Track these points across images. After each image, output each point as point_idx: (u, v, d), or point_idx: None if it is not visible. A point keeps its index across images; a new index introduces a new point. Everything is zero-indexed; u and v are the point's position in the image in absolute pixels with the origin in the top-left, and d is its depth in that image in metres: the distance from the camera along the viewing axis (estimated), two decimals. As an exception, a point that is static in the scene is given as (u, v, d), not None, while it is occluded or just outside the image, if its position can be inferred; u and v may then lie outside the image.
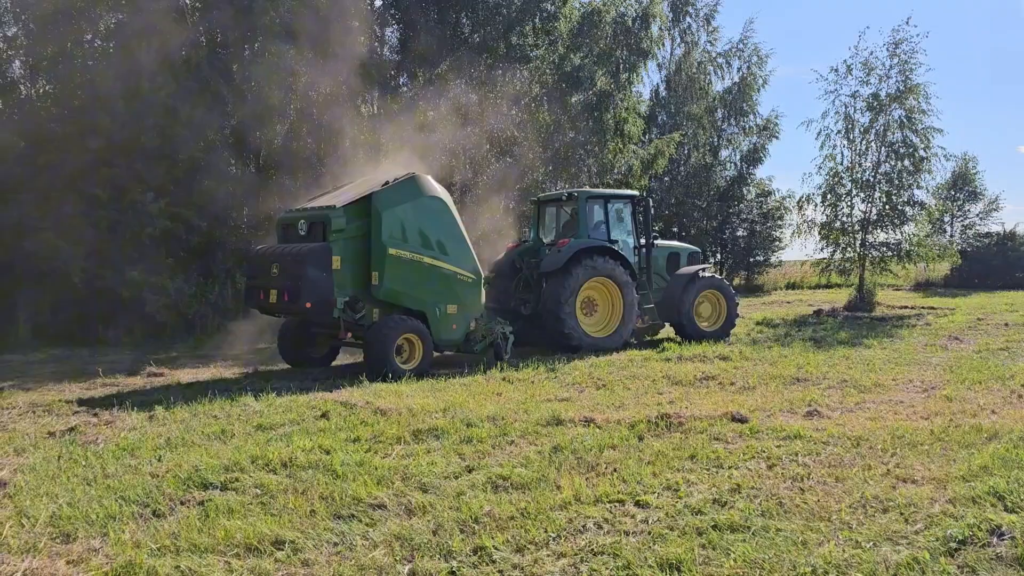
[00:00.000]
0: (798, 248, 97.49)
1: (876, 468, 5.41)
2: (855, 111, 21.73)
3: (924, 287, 33.37)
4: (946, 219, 35.25)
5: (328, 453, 6.18)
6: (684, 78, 34.74)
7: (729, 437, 6.49)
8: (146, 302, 15.75)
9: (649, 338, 15.19)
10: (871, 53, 21.63)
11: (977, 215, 35.84)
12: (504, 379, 10.31)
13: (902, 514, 4.45)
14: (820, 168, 22.40)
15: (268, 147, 21.03)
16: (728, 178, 36.05)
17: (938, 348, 13.10)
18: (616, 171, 25.32)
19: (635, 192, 15.27)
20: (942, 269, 33.72)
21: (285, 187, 20.52)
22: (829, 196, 22.47)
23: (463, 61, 21.87)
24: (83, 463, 6.05)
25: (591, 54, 25.08)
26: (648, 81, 32.92)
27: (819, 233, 22.92)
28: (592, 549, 4.09)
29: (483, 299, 12.10)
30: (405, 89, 22.50)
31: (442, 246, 11.34)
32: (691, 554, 3.91)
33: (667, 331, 15.34)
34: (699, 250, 16.41)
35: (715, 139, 35.75)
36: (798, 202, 23.76)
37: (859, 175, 22.17)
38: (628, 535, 4.28)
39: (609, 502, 4.86)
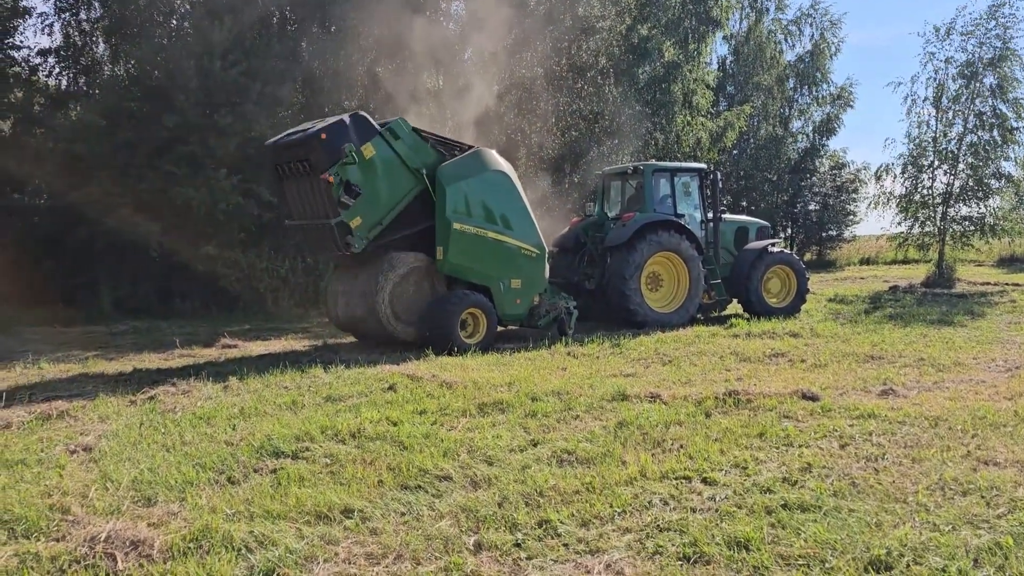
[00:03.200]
0: (873, 222, 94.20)
1: (955, 449, 5.21)
2: (948, 77, 20.80)
3: (1008, 263, 31.94)
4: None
5: (395, 425, 6.27)
6: (753, 47, 33.72)
7: (799, 415, 6.34)
8: (220, 276, 16.22)
9: (716, 314, 14.94)
10: (973, 16, 20.65)
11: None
12: (569, 354, 10.29)
13: (983, 497, 4.28)
14: (907, 135, 21.58)
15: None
16: (800, 150, 35.04)
17: (1023, 327, 12.53)
18: (684, 144, 24.86)
19: (702, 165, 14.94)
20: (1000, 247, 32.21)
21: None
22: (910, 167, 21.63)
23: (529, 33, 21.67)
24: (162, 430, 6.28)
25: (659, 24, 24.57)
26: (715, 52, 31.86)
27: (897, 205, 22.10)
28: (658, 525, 4.05)
29: (547, 274, 12.05)
30: (469, 63, 22.46)
31: (506, 220, 11.31)
32: (760, 533, 3.84)
33: (734, 307, 15.06)
34: (768, 224, 16.05)
35: (786, 110, 34.74)
36: (876, 172, 22.96)
37: (943, 146, 21.26)
38: (695, 512, 4.23)
39: (675, 478, 4.81)
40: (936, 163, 21.64)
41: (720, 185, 14.85)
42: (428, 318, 10.86)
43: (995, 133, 20.95)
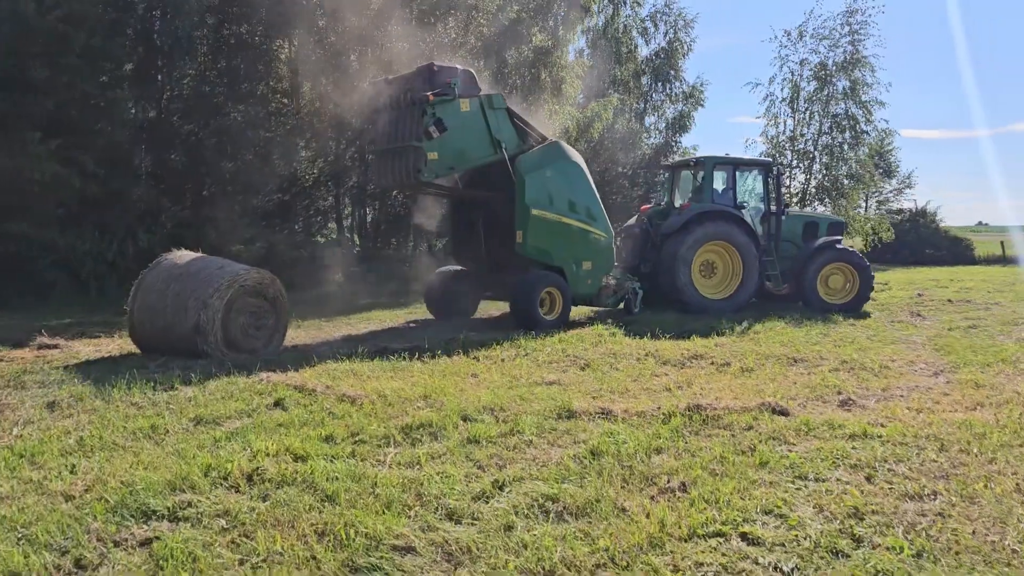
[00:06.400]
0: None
1: (998, 481, 4.47)
2: (802, 79, 21.29)
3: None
4: (861, 194, 35.85)
5: (303, 460, 4.79)
6: (610, 40, 33.67)
7: (789, 436, 5.45)
8: (34, 259, 13.60)
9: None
10: (825, 20, 21.20)
11: (891, 192, 36.57)
12: (472, 358, 9.05)
13: (1100, 554, 3.49)
14: (763, 135, 21.98)
15: (173, 90, 18.83)
16: (654, 146, 35.42)
17: (906, 325, 12.60)
18: (550, 134, 24.08)
19: (768, 160, 15.33)
20: (855, 244, 34.25)
21: (184, 134, 18.45)
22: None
23: (395, 3, 20.07)
24: (-36, 477, 4.46)
25: (528, 8, 23.68)
26: (574, 43, 31.47)
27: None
28: (743, 623, 2.92)
29: (614, 257, 12.91)
30: (333, 38, 20.53)
31: (578, 207, 12.10)
32: (895, 634, 2.80)
33: None
34: (842, 220, 16.28)
35: (641, 105, 35.02)
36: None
37: (800, 146, 21.82)
38: (774, 595, 3.14)
39: (707, 536, 3.70)
40: (794, 162, 22.21)
41: (783, 179, 14.92)
42: (511, 297, 11.92)
43: (847, 135, 21.74)
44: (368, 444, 5.22)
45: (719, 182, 14.56)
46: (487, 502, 4.15)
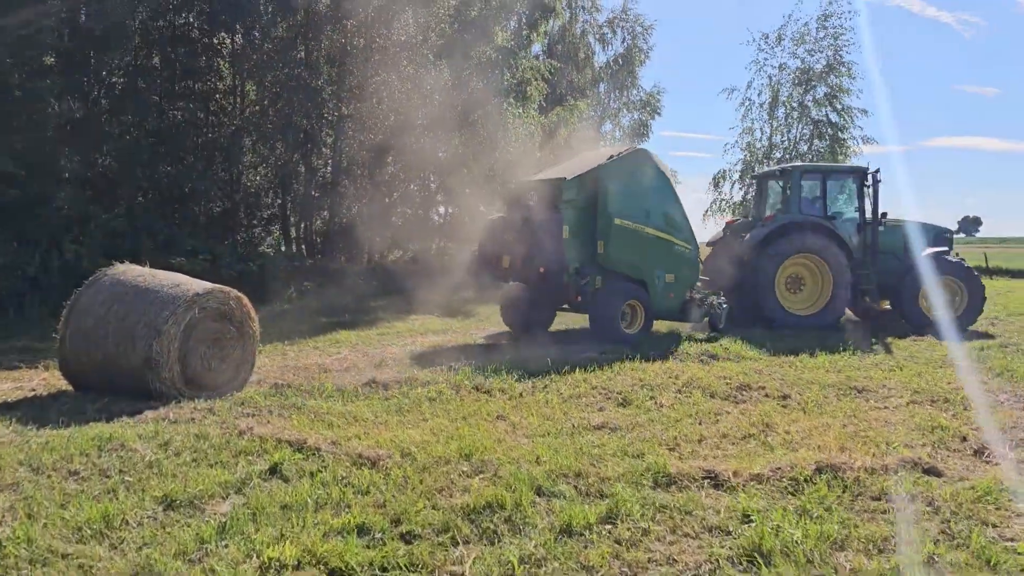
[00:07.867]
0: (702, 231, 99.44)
1: None
2: (781, 84, 20.47)
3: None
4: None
5: (343, 577, 3.25)
6: (568, 46, 32.61)
7: (979, 512, 4.14)
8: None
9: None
10: (805, 24, 20.43)
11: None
12: (484, 392, 7.54)
13: None
14: (738, 142, 21.10)
15: (103, 85, 16.82)
16: (610, 154, 34.40)
17: (931, 343, 11.60)
18: (515, 136, 22.71)
19: (862, 166, 14.08)
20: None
21: (116, 134, 16.45)
22: (748, 175, 21.14)
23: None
24: None
25: (489, 5, 22.30)
26: (534, 47, 30.25)
27: (735, 213, 21.54)
28: None
29: (700, 270, 12.30)
30: (283, 31, 18.76)
31: (662, 218, 11.60)
32: None
33: None
34: (949, 230, 14.73)
35: (599, 112, 33.98)
36: (714, 178, 22.35)
37: (779, 154, 20.98)
38: None
39: None
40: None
41: (879, 185, 13.54)
42: (591, 310, 11.34)
43: (824, 142, 21.03)
44: (424, 541, 3.70)
45: (808, 191, 13.74)
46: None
